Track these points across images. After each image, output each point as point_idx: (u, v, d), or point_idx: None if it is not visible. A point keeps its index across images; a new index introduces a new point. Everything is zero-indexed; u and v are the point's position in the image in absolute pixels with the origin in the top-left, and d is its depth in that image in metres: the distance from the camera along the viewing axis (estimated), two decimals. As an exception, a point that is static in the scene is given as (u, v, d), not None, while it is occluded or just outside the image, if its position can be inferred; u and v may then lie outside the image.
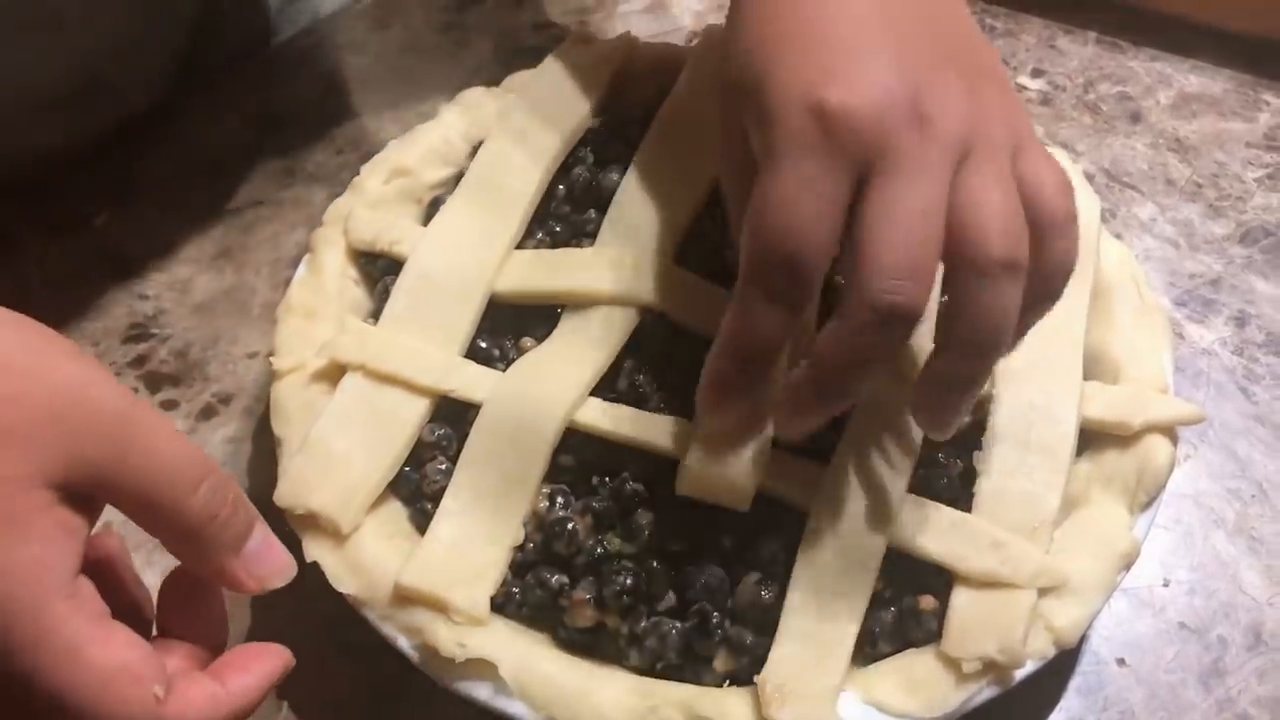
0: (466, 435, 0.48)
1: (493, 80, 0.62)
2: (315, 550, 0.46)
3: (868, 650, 0.45)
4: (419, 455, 0.49)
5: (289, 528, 0.47)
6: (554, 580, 0.46)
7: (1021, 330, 0.42)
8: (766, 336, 0.40)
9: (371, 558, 0.46)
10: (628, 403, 0.49)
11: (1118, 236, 0.60)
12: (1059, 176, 0.41)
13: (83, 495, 0.35)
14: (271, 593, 0.40)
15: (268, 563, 0.39)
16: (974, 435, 0.48)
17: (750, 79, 0.41)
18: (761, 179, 0.40)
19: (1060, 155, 0.55)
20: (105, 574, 0.38)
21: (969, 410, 0.42)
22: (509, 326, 0.53)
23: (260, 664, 0.38)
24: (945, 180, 0.38)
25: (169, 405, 0.58)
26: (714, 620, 0.45)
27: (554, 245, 0.55)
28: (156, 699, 0.34)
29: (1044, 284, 0.41)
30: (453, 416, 0.50)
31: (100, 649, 0.34)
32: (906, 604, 0.46)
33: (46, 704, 0.33)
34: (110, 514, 0.37)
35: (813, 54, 0.40)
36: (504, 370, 0.50)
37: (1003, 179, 0.39)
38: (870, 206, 0.38)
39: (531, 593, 0.46)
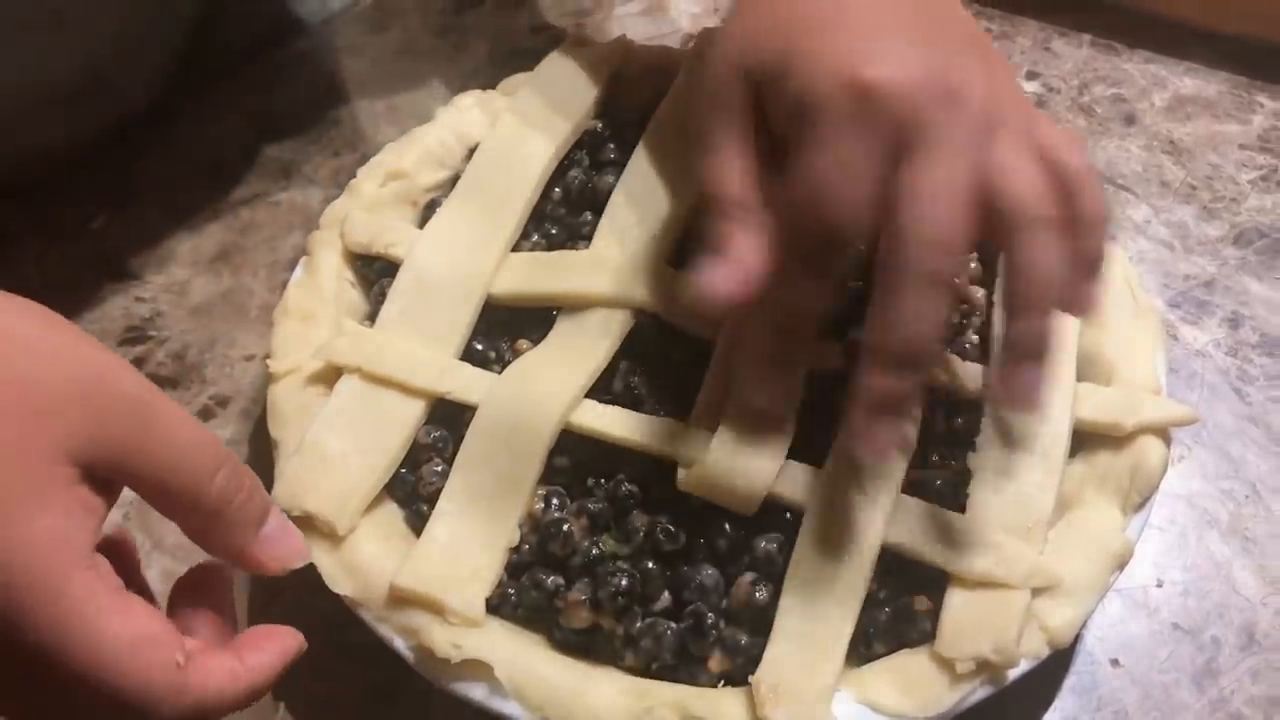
0: (462, 437, 0.48)
1: (489, 83, 0.62)
2: (312, 551, 0.46)
3: (862, 650, 0.45)
4: (415, 457, 0.49)
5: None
6: (549, 581, 0.46)
7: (1089, 299, 0.43)
8: (805, 304, 0.43)
9: (367, 559, 0.46)
10: (623, 404, 0.49)
11: (1112, 238, 0.60)
12: (1073, 140, 0.44)
13: (102, 478, 0.36)
14: (268, 592, 0.41)
15: (285, 544, 0.40)
16: (968, 436, 0.49)
17: (778, 61, 0.43)
18: (800, 155, 0.41)
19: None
20: (117, 559, 0.39)
21: (1048, 382, 0.43)
22: (505, 328, 0.53)
23: (274, 643, 0.39)
24: (976, 155, 0.41)
25: (166, 407, 0.58)
26: (709, 621, 0.45)
27: (550, 248, 0.55)
28: (178, 665, 0.35)
29: (1088, 236, 0.43)
30: (448, 418, 0.50)
31: (122, 617, 0.34)
32: (901, 604, 0.46)
33: (69, 674, 0.34)
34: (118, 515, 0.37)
35: (840, 36, 0.42)
36: (499, 372, 0.50)
37: (1029, 149, 0.42)
38: (906, 181, 0.40)
39: (527, 594, 0.46)
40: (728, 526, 0.46)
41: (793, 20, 0.44)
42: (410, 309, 0.52)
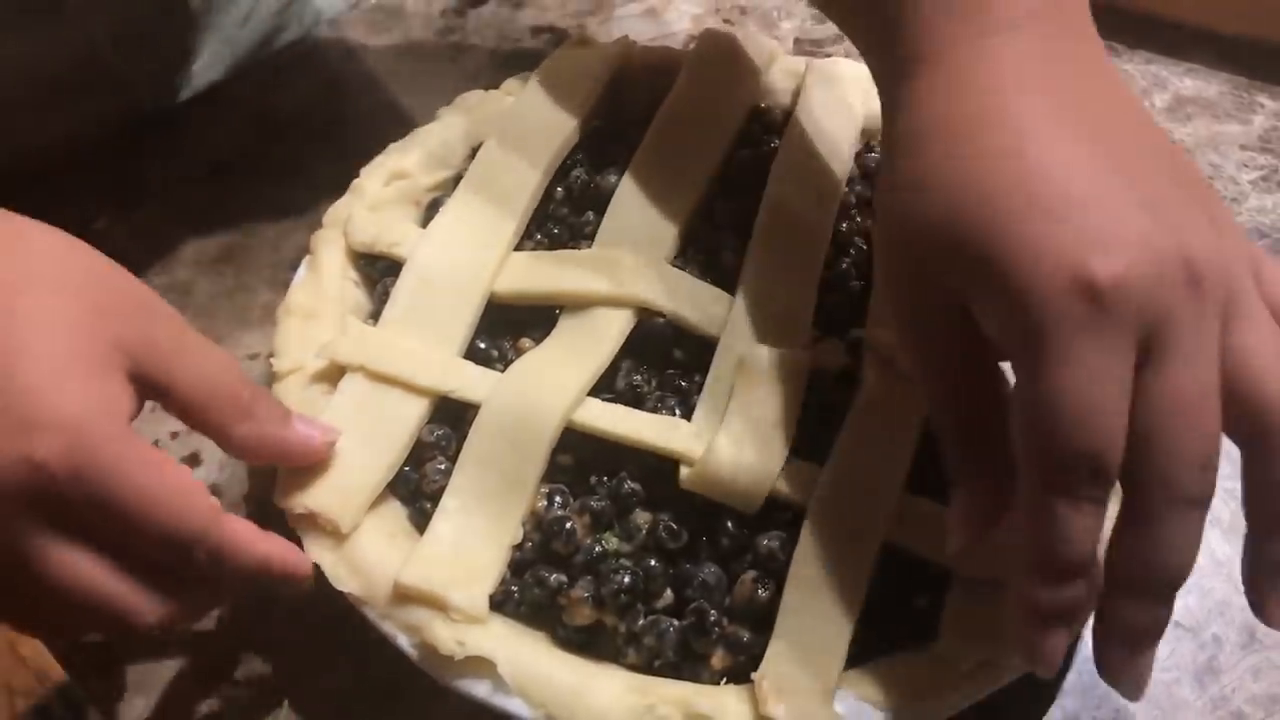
0: (465, 435, 0.48)
1: (491, 83, 0.62)
2: (315, 549, 0.46)
3: (863, 649, 0.45)
4: (418, 455, 0.49)
5: (289, 527, 0.47)
6: (552, 579, 0.46)
7: None
8: (1084, 543, 0.36)
9: (371, 557, 0.46)
10: (625, 402, 0.49)
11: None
12: None
13: (142, 384, 0.41)
14: (269, 591, 0.41)
15: (316, 427, 0.47)
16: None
17: (976, 246, 0.36)
18: (1036, 370, 0.35)
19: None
20: None
21: None
22: (507, 327, 0.53)
23: (292, 548, 0.44)
24: (1221, 342, 0.36)
25: (170, 406, 0.58)
26: (711, 618, 0.45)
27: (552, 247, 0.55)
28: (214, 508, 0.41)
29: None
30: (452, 417, 0.50)
31: (170, 466, 0.40)
32: (901, 603, 0.46)
33: (128, 515, 0.38)
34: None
35: (1051, 218, 0.36)
36: (502, 371, 0.50)
37: (1265, 317, 0.37)
38: (1156, 392, 0.35)
39: (530, 591, 0.46)
40: (730, 524, 0.46)
41: (980, 193, 0.37)
42: (413, 308, 0.52)
